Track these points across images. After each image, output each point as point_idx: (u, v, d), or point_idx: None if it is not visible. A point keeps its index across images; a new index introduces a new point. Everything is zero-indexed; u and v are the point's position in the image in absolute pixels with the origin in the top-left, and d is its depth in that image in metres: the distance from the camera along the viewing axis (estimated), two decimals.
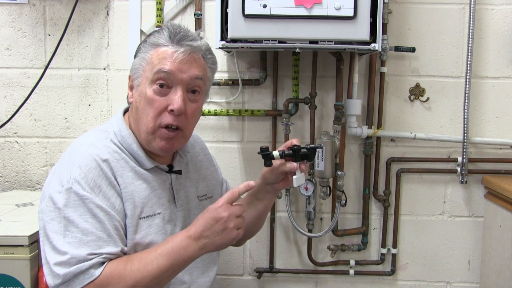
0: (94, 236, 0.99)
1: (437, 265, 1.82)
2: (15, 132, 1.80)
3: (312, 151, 1.15)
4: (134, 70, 1.14)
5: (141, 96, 1.10)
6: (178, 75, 1.08)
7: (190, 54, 1.10)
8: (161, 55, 1.09)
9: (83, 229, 0.99)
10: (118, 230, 1.04)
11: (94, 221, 1.00)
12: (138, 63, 1.12)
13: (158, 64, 1.08)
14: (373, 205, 1.80)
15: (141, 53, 1.13)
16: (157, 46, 1.10)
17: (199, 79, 1.12)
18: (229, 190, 1.41)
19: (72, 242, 0.98)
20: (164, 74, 1.08)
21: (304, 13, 1.37)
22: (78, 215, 1.00)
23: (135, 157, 1.13)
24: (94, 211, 1.00)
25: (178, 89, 1.09)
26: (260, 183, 1.27)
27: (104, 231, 1.01)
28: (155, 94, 1.08)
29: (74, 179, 1.02)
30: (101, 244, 0.99)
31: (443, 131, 1.76)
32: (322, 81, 1.74)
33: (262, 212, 1.32)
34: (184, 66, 1.09)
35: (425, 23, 1.72)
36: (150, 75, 1.09)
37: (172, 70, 1.08)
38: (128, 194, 1.08)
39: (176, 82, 1.09)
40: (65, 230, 0.99)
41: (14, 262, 1.29)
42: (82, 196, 1.01)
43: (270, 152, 1.15)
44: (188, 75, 1.09)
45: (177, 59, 1.08)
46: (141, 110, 1.10)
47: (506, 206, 1.59)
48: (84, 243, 0.98)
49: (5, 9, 1.75)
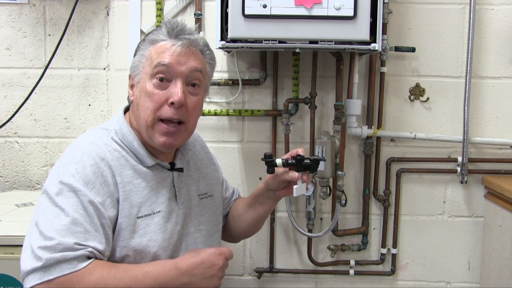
0: (83, 228, 0.99)
1: (437, 265, 1.82)
2: (15, 132, 1.80)
3: (315, 163, 1.15)
4: (133, 68, 1.15)
5: (141, 91, 1.11)
6: (177, 68, 1.09)
7: (188, 47, 1.11)
8: (159, 49, 1.10)
9: (73, 219, 0.98)
10: (105, 228, 1.03)
11: (84, 213, 1.00)
12: (138, 60, 1.14)
13: (157, 58, 1.09)
14: (373, 205, 1.81)
15: (140, 50, 1.14)
16: (156, 42, 1.11)
17: (198, 71, 1.12)
18: (228, 189, 1.42)
19: (60, 229, 0.97)
20: (163, 67, 1.08)
21: (304, 13, 1.37)
22: (70, 205, 1.00)
23: (136, 155, 1.13)
24: (85, 204, 1.00)
25: (178, 81, 1.09)
26: (263, 188, 1.27)
27: (93, 225, 1.00)
28: (155, 88, 1.09)
29: (70, 173, 1.03)
30: (88, 237, 0.99)
31: (443, 131, 1.76)
32: (322, 81, 1.74)
33: (262, 215, 1.33)
34: (182, 58, 1.09)
35: (425, 23, 1.72)
36: (149, 70, 1.10)
37: (171, 63, 1.08)
38: (125, 193, 1.08)
39: (175, 75, 1.09)
40: (55, 217, 0.98)
41: (14, 262, 1.29)
42: (74, 188, 1.01)
43: (273, 160, 1.16)
44: (187, 67, 1.10)
45: (175, 52, 1.09)
46: (141, 105, 1.10)
47: (506, 206, 1.59)
48: (72, 233, 0.97)
49: (5, 9, 1.75)
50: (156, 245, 1.10)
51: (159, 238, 1.11)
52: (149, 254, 1.09)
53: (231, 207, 1.42)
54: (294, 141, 1.75)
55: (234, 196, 1.44)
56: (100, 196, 1.03)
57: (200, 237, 1.23)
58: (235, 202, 1.43)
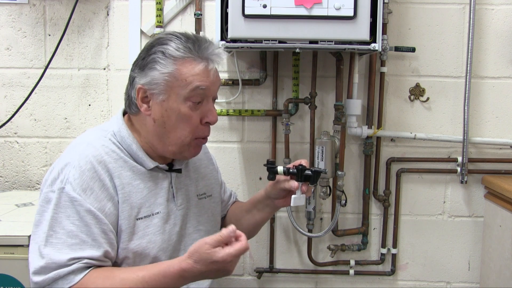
0: (78, 239, 0.99)
1: (437, 265, 1.82)
2: (15, 132, 1.80)
3: (316, 174, 1.15)
4: (154, 85, 1.07)
5: (169, 111, 1.08)
6: (212, 89, 1.11)
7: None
8: (193, 71, 1.07)
9: (68, 231, 0.99)
10: (106, 233, 1.03)
11: (80, 224, 1.00)
12: (160, 77, 1.06)
13: (194, 81, 1.07)
14: (373, 205, 1.81)
15: (161, 66, 1.07)
16: (183, 60, 1.07)
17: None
18: (226, 191, 1.42)
19: (56, 243, 0.99)
20: (202, 91, 1.09)
21: (304, 13, 1.37)
22: (66, 217, 1.00)
23: (135, 158, 1.12)
24: (81, 214, 1.01)
25: (210, 101, 1.12)
26: (263, 195, 1.27)
27: (89, 235, 1.00)
28: (191, 110, 1.09)
29: (68, 179, 1.02)
30: (84, 247, 0.99)
31: (443, 131, 1.76)
32: (322, 81, 1.74)
33: (258, 222, 1.33)
34: (215, 79, 1.12)
35: (425, 23, 1.72)
36: (183, 92, 1.07)
37: (208, 86, 1.09)
38: (125, 195, 1.07)
39: (208, 95, 1.11)
40: (50, 229, 1.00)
41: (14, 262, 1.29)
42: (72, 198, 1.01)
43: (275, 166, 1.17)
44: (217, 86, 1.13)
45: (211, 74, 1.09)
46: (173, 125, 1.09)
47: (506, 206, 1.59)
48: (68, 246, 0.99)
49: (5, 9, 1.75)
50: (155, 246, 1.10)
51: (158, 240, 1.10)
52: (148, 256, 1.09)
53: (228, 210, 1.42)
54: (294, 141, 1.75)
55: (231, 199, 1.44)
56: (99, 202, 1.03)
57: (199, 238, 1.21)
58: (233, 206, 1.43)
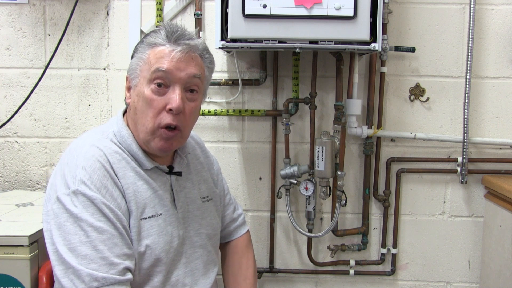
0: (109, 234, 1.00)
1: (437, 265, 1.82)
2: (15, 132, 1.80)
3: None
4: (131, 71, 1.13)
5: (139, 96, 1.10)
6: (176, 74, 1.08)
7: (188, 53, 1.09)
8: (158, 54, 1.08)
9: (97, 228, 0.99)
10: (126, 230, 1.05)
11: (105, 219, 1.01)
12: (135, 63, 1.12)
13: (156, 63, 1.08)
14: (373, 205, 1.81)
15: (138, 53, 1.12)
16: (154, 46, 1.10)
17: (197, 78, 1.11)
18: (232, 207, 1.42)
19: (85, 241, 0.98)
20: (161, 73, 1.07)
21: (304, 13, 1.37)
22: (90, 215, 1.00)
23: (135, 158, 1.12)
24: (104, 210, 1.01)
25: (176, 88, 1.08)
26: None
27: (116, 229, 1.02)
28: (153, 94, 1.08)
29: (80, 180, 1.01)
30: (116, 241, 1.01)
31: (443, 131, 1.76)
32: (322, 81, 1.74)
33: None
34: (181, 64, 1.08)
35: (425, 23, 1.72)
36: (147, 74, 1.09)
37: (169, 69, 1.07)
38: (130, 194, 1.08)
39: (174, 81, 1.08)
40: (81, 229, 0.99)
41: (14, 262, 1.29)
42: (90, 197, 1.00)
43: None
44: (186, 73, 1.09)
45: (174, 57, 1.08)
46: (140, 110, 1.10)
47: (506, 206, 1.59)
48: (101, 241, 0.99)
49: (5, 9, 1.75)
50: (158, 247, 1.10)
51: (161, 241, 1.10)
52: (150, 257, 1.09)
53: (231, 243, 1.43)
54: (294, 141, 1.75)
55: (237, 222, 1.44)
56: (114, 199, 1.04)
57: (200, 241, 1.23)
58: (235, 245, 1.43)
